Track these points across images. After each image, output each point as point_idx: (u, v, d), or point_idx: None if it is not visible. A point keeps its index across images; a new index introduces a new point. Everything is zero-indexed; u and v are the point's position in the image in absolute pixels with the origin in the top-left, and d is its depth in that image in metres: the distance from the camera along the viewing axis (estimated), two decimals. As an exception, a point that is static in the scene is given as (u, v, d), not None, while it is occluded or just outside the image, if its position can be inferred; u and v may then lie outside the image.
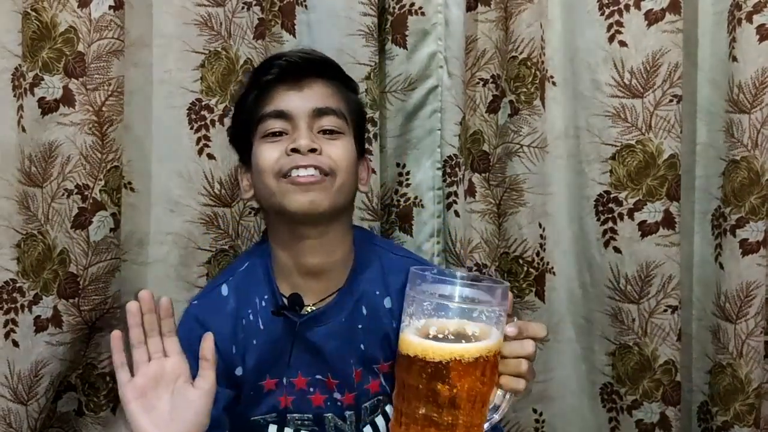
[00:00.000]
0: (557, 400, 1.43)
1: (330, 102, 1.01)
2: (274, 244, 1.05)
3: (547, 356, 1.40)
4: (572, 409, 1.44)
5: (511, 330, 0.84)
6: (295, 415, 1.05)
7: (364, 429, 1.05)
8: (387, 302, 1.05)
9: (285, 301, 1.02)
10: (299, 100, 0.99)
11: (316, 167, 0.96)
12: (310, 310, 1.03)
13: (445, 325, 0.81)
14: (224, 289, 1.06)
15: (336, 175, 0.97)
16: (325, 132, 1.00)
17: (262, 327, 1.03)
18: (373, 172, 1.28)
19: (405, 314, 0.83)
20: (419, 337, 0.81)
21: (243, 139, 1.04)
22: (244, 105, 1.03)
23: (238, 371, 1.02)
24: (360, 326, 1.04)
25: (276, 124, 0.99)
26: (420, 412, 0.80)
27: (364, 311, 1.04)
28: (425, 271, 0.84)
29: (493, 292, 0.82)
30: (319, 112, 0.99)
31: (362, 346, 1.04)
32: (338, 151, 0.98)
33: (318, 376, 1.04)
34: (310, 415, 1.05)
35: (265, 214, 1.08)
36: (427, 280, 0.83)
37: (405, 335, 0.83)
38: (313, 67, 1.02)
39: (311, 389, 1.04)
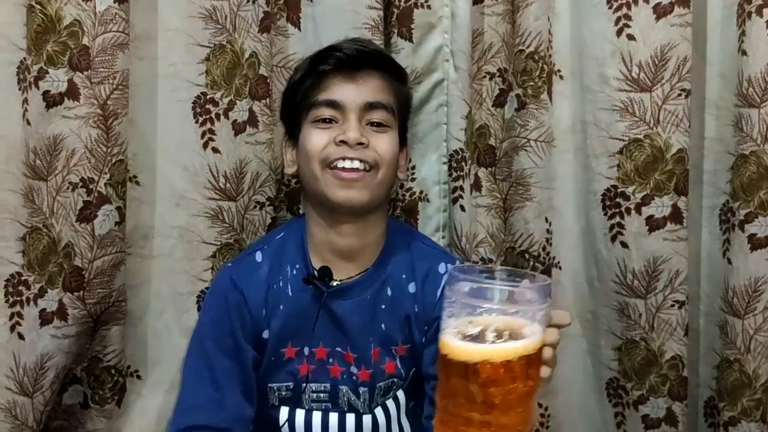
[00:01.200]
0: (563, 394, 1.42)
1: (381, 96, 1.06)
2: (311, 222, 1.11)
3: (553, 351, 1.40)
4: (578, 403, 1.43)
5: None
6: (312, 385, 1.07)
7: (376, 410, 1.06)
8: (411, 287, 1.10)
9: (315, 272, 1.07)
10: (353, 92, 1.05)
11: (361, 161, 1.01)
12: (337, 284, 1.07)
13: (481, 324, 0.78)
14: (258, 256, 1.12)
15: (379, 168, 1.04)
16: (372, 124, 1.05)
17: (290, 294, 1.08)
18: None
19: (444, 314, 0.81)
20: (455, 337, 0.78)
21: (292, 118, 1.10)
22: (297, 90, 1.09)
23: (265, 334, 1.07)
24: (383, 306, 1.08)
25: (327, 112, 1.05)
26: (458, 411, 0.79)
27: (389, 292, 1.08)
28: (466, 272, 0.82)
29: (534, 290, 0.80)
30: (370, 106, 1.05)
31: (383, 326, 1.08)
32: (384, 145, 1.04)
33: (338, 348, 1.08)
34: (327, 385, 1.08)
35: (303, 192, 1.13)
36: (466, 281, 0.80)
37: (442, 335, 0.80)
38: (369, 59, 1.07)
39: (330, 360, 1.09)
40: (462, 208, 1.33)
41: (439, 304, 1.06)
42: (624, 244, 1.31)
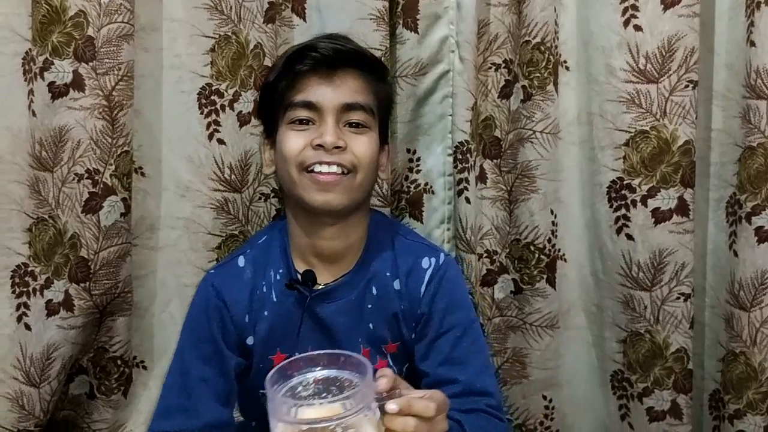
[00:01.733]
0: (567, 387, 1.42)
1: (359, 97, 1.02)
2: (292, 225, 1.09)
3: (558, 343, 1.40)
4: (582, 396, 1.44)
5: (391, 408, 0.78)
6: None
7: None
8: (396, 284, 1.08)
9: (299, 276, 1.05)
10: (329, 94, 1.00)
11: (339, 165, 0.98)
12: (321, 287, 1.06)
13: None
14: (241, 261, 1.10)
15: (357, 171, 1.01)
16: (351, 125, 1.02)
17: (274, 299, 1.06)
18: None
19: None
20: None
21: (269, 117, 1.07)
22: (274, 90, 1.05)
23: (249, 341, 1.05)
24: (369, 306, 1.06)
25: (304, 114, 1.01)
26: None
27: (374, 291, 1.07)
28: (278, 381, 0.77)
29: (355, 383, 0.75)
30: (348, 107, 1.01)
31: (371, 325, 1.06)
32: (362, 148, 1.01)
33: None
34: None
35: (283, 194, 1.10)
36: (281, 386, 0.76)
37: None
38: (346, 59, 1.03)
39: None
40: (467, 200, 1.33)
41: (424, 299, 1.07)
42: (629, 237, 1.31)
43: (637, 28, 1.26)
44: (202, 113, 1.25)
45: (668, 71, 1.26)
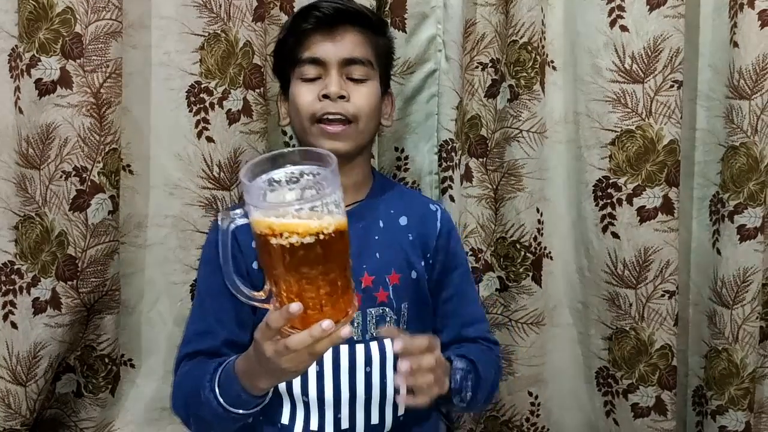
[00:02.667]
0: (553, 383, 1.44)
1: (358, 52, 1.11)
2: None
3: (544, 340, 1.41)
4: (568, 392, 1.45)
5: (397, 347, 0.94)
6: None
7: (371, 343, 1.08)
8: (403, 220, 1.16)
9: None
10: (332, 49, 1.10)
11: (342, 115, 1.08)
12: None
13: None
14: None
15: (359, 120, 1.10)
16: (352, 79, 1.11)
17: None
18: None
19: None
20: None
21: (282, 74, 1.17)
22: (283, 48, 1.15)
23: (255, 265, 1.10)
24: (376, 237, 1.13)
25: (311, 71, 1.11)
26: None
27: (381, 224, 1.14)
28: (254, 171, 0.80)
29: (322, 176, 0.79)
30: (349, 62, 1.10)
31: (377, 254, 1.12)
32: (363, 98, 1.10)
33: None
34: None
35: (297, 139, 1.18)
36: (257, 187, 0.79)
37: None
38: (345, 16, 1.12)
39: None
40: (451, 198, 1.34)
41: (441, 233, 1.17)
42: (615, 235, 1.32)
43: (624, 28, 1.27)
44: (190, 111, 1.25)
45: (654, 71, 1.28)
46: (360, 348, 1.09)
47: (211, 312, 1.09)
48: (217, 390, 0.96)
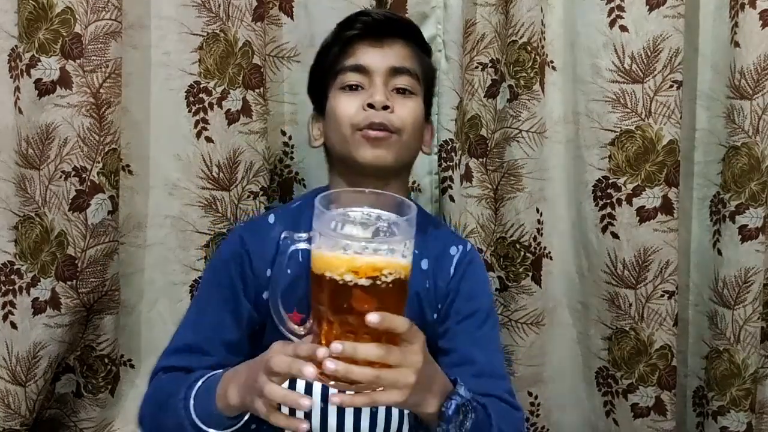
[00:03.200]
0: (553, 383, 1.44)
1: (406, 62, 1.07)
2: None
3: (543, 340, 1.41)
4: (567, 392, 1.45)
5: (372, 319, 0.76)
6: None
7: None
8: (424, 264, 1.10)
9: None
10: (379, 57, 1.06)
11: (385, 126, 1.03)
12: None
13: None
14: (271, 218, 1.13)
15: (402, 133, 1.05)
16: (398, 90, 1.07)
17: (300, 260, 1.05)
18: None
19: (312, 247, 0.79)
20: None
21: (319, 89, 1.12)
22: (326, 57, 1.10)
23: (265, 295, 1.05)
24: None
25: (354, 78, 1.06)
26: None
27: None
28: (331, 201, 0.80)
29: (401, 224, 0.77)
30: (396, 71, 1.06)
31: None
32: (407, 111, 1.06)
33: None
34: None
35: (329, 164, 1.14)
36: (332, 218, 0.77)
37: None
38: (395, 27, 1.08)
39: None
40: (451, 198, 1.34)
41: (453, 279, 1.09)
42: (615, 235, 1.32)
43: (623, 28, 1.27)
44: (190, 111, 1.25)
45: (653, 71, 1.27)
46: None
47: (208, 328, 1.05)
48: (192, 400, 0.91)
